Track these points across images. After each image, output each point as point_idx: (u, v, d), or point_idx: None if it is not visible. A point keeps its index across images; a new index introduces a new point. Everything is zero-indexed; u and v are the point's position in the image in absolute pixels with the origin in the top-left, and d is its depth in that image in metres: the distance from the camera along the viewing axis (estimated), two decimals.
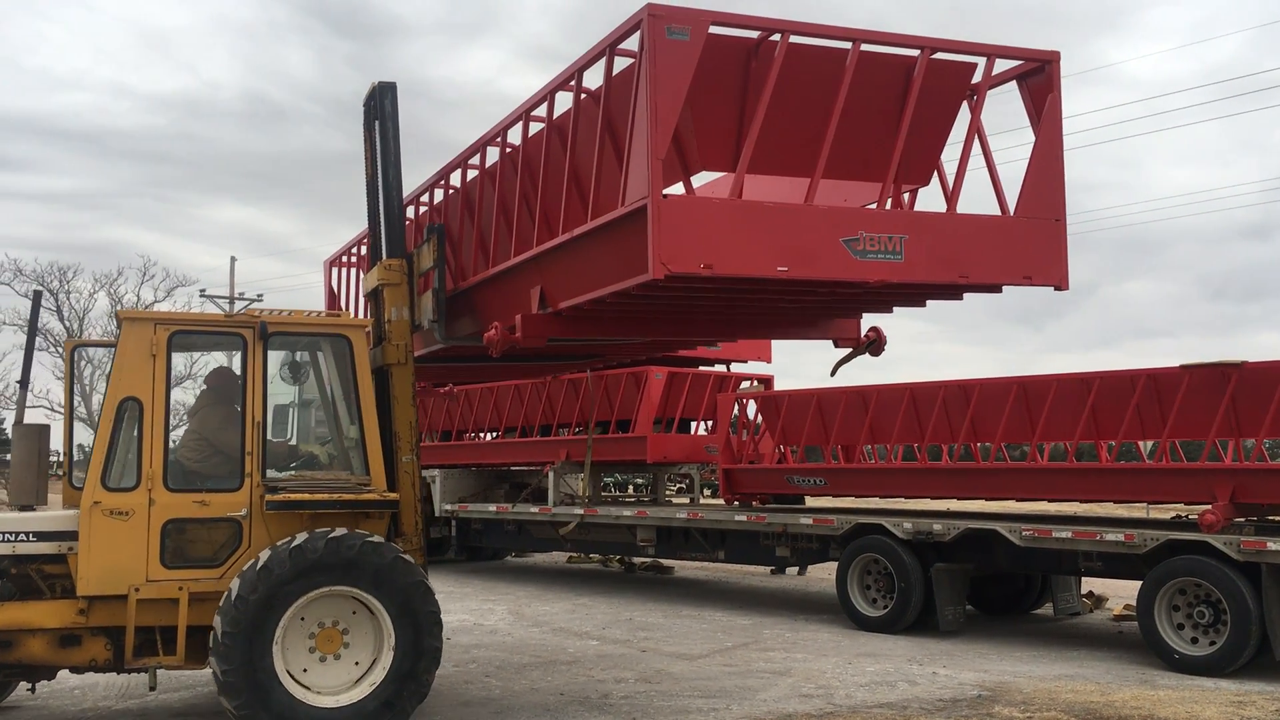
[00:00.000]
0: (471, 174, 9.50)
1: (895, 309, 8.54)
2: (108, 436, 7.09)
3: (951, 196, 7.37)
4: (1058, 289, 7.36)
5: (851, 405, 13.14)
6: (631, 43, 6.58)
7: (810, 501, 15.75)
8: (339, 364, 7.76)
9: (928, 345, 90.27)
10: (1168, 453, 10.94)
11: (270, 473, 7.44)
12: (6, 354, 54.49)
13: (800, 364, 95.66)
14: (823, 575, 16.37)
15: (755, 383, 16.18)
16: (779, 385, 16.14)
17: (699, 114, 6.75)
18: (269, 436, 7.56)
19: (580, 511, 15.56)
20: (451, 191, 9.96)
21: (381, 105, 8.17)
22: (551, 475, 16.29)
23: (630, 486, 23.41)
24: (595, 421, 15.88)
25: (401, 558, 7.12)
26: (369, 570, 6.98)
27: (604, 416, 15.80)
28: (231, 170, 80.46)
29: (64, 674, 7.90)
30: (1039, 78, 7.40)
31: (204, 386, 8.11)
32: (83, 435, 16.62)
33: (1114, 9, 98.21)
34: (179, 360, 7.90)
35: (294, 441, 8.58)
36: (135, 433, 7.23)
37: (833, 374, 14.77)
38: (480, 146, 9.05)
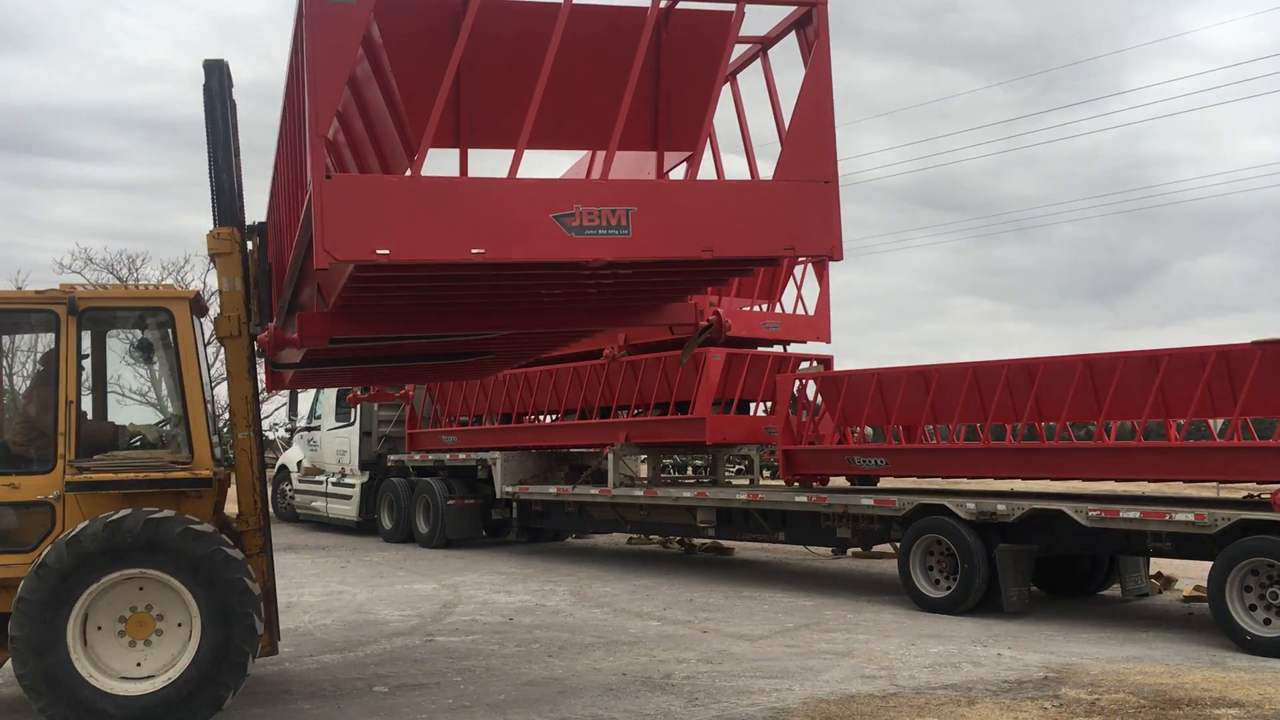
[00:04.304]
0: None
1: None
2: None
3: (694, 161, 6.65)
4: (830, 259, 6.54)
5: (913, 385, 13.01)
6: None
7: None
8: (167, 338, 7.67)
9: (996, 325, 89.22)
10: (1239, 430, 10.70)
11: (113, 453, 7.33)
12: None
13: (861, 344, 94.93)
14: (884, 557, 16.28)
15: (815, 363, 16.10)
16: (839, 365, 16.05)
17: (411, 87, 6.18)
18: (101, 417, 7.44)
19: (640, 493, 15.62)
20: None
21: (209, 83, 8.03)
22: (611, 457, 16.35)
23: (689, 468, 23.42)
24: (653, 403, 15.91)
25: (192, 529, 6.85)
26: (159, 549, 6.75)
27: (663, 398, 15.82)
28: None
29: None
30: (811, 25, 6.54)
31: (40, 368, 7.93)
32: None
33: None
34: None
35: (129, 421, 8.45)
36: None
37: (680, 364, 14.70)
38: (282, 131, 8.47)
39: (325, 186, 5.51)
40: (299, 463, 23.94)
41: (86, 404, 7.88)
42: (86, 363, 7.63)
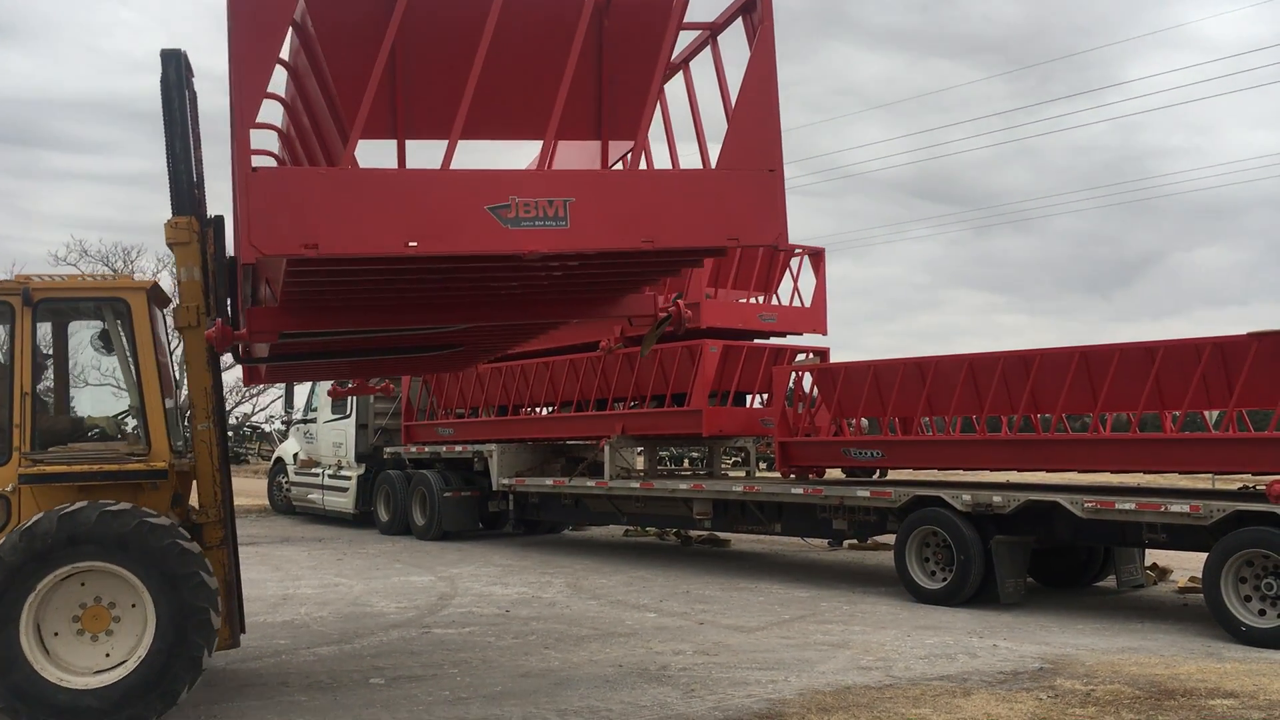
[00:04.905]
0: None
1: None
2: None
3: (635, 151, 6.58)
4: (776, 248, 6.44)
5: (909, 377, 13.02)
6: None
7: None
8: (123, 329, 7.63)
9: (992, 316, 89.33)
10: (1234, 422, 10.72)
11: (70, 445, 7.30)
12: None
13: (858, 336, 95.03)
14: (881, 548, 16.30)
15: (811, 355, 16.11)
16: (835, 357, 16.05)
17: (347, 77, 6.05)
18: (62, 408, 7.37)
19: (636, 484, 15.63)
20: None
21: (166, 73, 7.91)
22: (608, 449, 16.36)
23: (686, 460, 23.43)
24: (649, 395, 15.92)
25: (108, 512, 6.79)
26: (82, 540, 6.70)
27: (659, 390, 15.83)
28: None
29: None
30: (755, 11, 6.38)
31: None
32: None
33: None
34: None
35: (88, 414, 8.44)
36: None
37: (641, 356, 14.70)
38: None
39: (251, 180, 5.40)
40: (295, 455, 23.93)
41: (49, 396, 7.83)
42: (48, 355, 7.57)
